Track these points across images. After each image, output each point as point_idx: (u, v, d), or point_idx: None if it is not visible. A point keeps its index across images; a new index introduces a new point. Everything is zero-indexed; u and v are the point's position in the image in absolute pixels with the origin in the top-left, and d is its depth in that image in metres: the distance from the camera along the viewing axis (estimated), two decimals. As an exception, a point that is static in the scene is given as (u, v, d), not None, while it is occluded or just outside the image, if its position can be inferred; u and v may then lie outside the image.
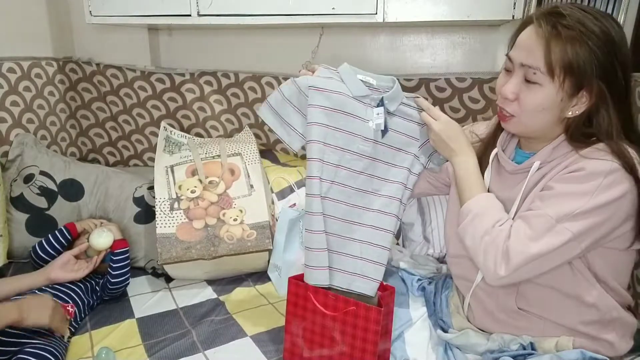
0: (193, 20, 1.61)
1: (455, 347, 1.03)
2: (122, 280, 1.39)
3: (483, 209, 0.93)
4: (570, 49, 0.82)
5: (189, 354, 1.14)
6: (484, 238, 0.89)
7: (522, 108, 0.89)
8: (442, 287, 1.16)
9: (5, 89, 1.71)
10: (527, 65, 0.86)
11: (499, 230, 0.88)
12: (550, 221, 0.84)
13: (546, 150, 0.93)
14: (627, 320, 0.95)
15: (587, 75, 0.83)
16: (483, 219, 0.92)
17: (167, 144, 1.64)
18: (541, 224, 0.85)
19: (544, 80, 0.85)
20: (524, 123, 0.92)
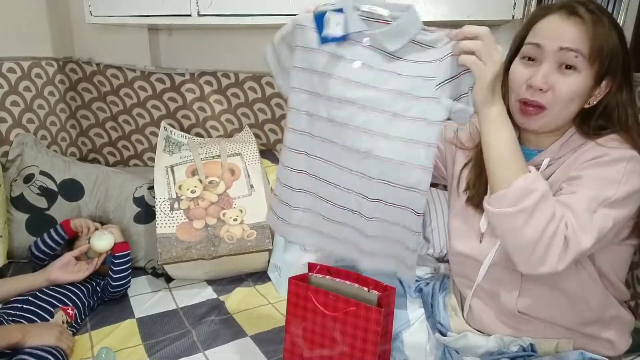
0: (193, 20, 1.61)
1: (453, 350, 1.03)
2: (123, 283, 1.39)
3: (547, 189, 0.80)
4: (608, 34, 0.83)
5: (189, 354, 1.14)
6: (549, 225, 0.77)
7: (556, 98, 0.85)
8: (440, 289, 1.16)
9: (5, 89, 1.71)
10: (569, 48, 0.83)
11: (560, 217, 0.78)
12: (593, 204, 0.80)
13: (556, 146, 0.91)
14: (626, 318, 0.95)
15: (614, 62, 0.84)
16: (548, 201, 0.79)
17: (167, 144, 1.65)
18: (585, 209, 0.80)
19: (582, 66, 0.83)
20: (554, 116, 0.87)
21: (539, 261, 0.79)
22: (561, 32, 0.84)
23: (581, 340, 0.93)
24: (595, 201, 0.80)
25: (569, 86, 0.84)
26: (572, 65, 0.84)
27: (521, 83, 0.88)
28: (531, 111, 0.88)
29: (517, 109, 0.90)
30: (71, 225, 1.46)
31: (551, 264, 0.78)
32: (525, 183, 0.79)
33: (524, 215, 0.78)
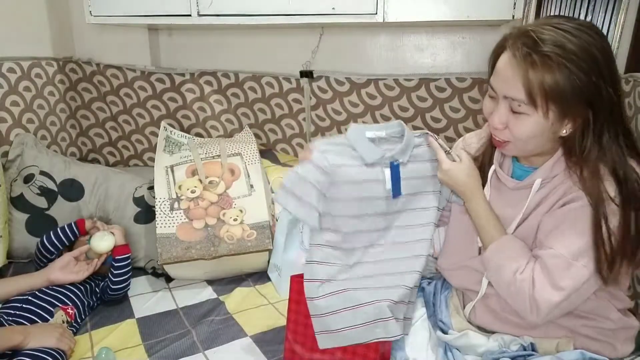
0: (193, 20, 1.61)
1: (454, 348, 1.03)
2: (123, 286, 1.40)
3: (500, 260, 0.93)
4: (548, 77, 0.79)
5: (189, 354, 1.14)
6: (509, 288, 0.90)
7: (514, 135, 0.88)
8: (442, 288, 1.16)
9: (5, 89, 1.71)
10: (511, 97, 0.84)
11: (521, 280, 0.88)
12: (566, 261, 0.85)
13: (547, 167, 0.92)
14: (629, 324, 0.95)
15: (570, 100, 0.80)
16: (503, 271, 0.92)
17: (167, 144, 1.64)
18: (558, 265, 0.85)
19: (529, 110, 0.83)
20: (520, 148, 0.91)
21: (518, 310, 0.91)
22: (506, 79, 0.85)
23: (582, 340, 0.93)
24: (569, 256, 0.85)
25: (522, 128, 0.86)
26: (519, 111, 0.85)
27: (488, 116, 0.93)
28: (499, 143, 0.93)
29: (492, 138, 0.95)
30: (86, 226, 1.47)
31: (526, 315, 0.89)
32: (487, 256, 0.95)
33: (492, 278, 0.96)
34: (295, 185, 0.98)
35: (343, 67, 1.77)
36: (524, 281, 0.88)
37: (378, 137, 1.03)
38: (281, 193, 0.99)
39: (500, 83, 0.86)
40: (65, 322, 1.23)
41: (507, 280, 0.90)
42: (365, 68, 1.77)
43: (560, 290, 0.84)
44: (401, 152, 1.03)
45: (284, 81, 1.80)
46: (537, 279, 0.87)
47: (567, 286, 0.84)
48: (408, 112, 1.69)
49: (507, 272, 0.90)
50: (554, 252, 0.86)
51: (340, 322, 0.97)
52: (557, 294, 0.84)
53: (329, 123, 1.81)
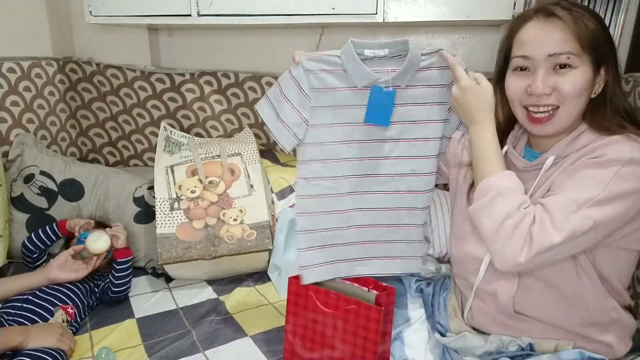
0: (193, 20, 1.61)
1: (453, 350, 1.03)
2: (124, 288, 1.40)
3: (506, 189, 0.86)
4: (590, 25, 0.84)
5: (189, 354, 1.14)
6: (506, 221, 0.83)
7: (564, 95, 0.86)
8: (441, 289, 1.16)
9: (5, 89, 1.71)
10: (558, 53, 0.84)
11: (524, 213, 0.83)
12: (571, 205, 0.81)
13: (561, 145, 0.91)
14: (626, 322, 0.95)
15: (605, 49, 0.86)
16: (506, 199, 0.85)
17: (167, 144, 1.65)
18: (563, 208, 0.81)
19: (576, 62, 0.85)
20: (567, 113, 0.88)
21: (500, 255, 0.85)
22: (545, 38, 0.85)
23: (579, 342, 0.93)
24: (575, 203, 0.81)
25: (572, 83, 0.85)
26: (566, 64, 0.85)
27: (520, 93, 0.90)
28: (542, 118, 0.89)
29: (525, 118, 0.92)
30: (67, 226, 1.48)
31: (511, 258, 0.83)
32: (485, 182, 0.89)
33: (482, 210, 0.87)
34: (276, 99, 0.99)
35: (343, 67, 1.77)
36: (527, 215, 0.82)
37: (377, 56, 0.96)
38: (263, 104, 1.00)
39: (539, 45, 0.86)
40: (65, 321, 1.23)
41: (507, 211, 0.83)
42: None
43: (560, 232, 0.80)
44: (400, 76, 0.96)
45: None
46: (538, 216, 0.82)
47: (567, 229, 0.80)
48: (408, 112, 1.69)
49: (511, 202, 0.84)
50: (559, 196, 0.83)
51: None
52: (556, 234, 0.80)
53: (329, 123, 1.81)
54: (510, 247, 0.82)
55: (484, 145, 0.93)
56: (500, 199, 0.86)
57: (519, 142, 1.02)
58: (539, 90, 0.86)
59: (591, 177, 0.82)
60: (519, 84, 0.90)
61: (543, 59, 0.86)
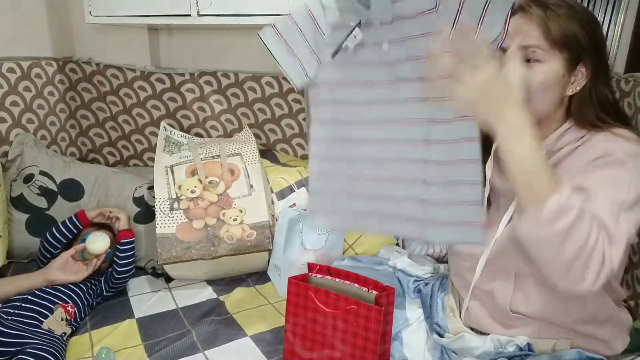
0: (193, 20, 1.61)
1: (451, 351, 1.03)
2: (127, 275, 1.42)
3: (581, 204, 0.74)
4: (564, 23, 0.86)
5: (189, 354, 1.14)
6: (588, 240, 0.72)
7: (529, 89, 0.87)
8: (438, 290, 1.16)
9: (5, 89, 1.72)
10: (527, 45, 0.87)
11: (597, 231, 0.73)
12: (614, 210, 0.77)
13: (552, 139, 0.92)
14: (622, 317, 0.95)
15: (582, 48, 0.87)
16: (585, 218, 0.73)
17: (167, 144, 1.65)
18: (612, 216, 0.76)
19: (544, 57, 0.87)
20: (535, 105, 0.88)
21: (575, 281, 0.75)
22: (517, 32, 0.88)
23: (576, 340, 0.93)
24: (616, 206, 0.78)
25: (537, 77, 0.87)
26: (534, 58, 0.87)
27: None
28: None
29: None
30: (89, 215, 1.49)
31: (588, 283, 0.74)
32: (560, 200, 0.72)
33: (559, 238, 0.73)
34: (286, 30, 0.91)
35: (343, 67, 1.77)
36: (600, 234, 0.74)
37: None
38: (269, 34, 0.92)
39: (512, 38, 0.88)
40: (64, 319, 1.23)
41: (586, 235, 0.72)
42: (365, 68, 1.77)
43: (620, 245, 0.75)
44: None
45: (284, 81, 1.80)
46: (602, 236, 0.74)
47: (623, 239, 0.75)
48: (408, 112, 1.69)
49: (587, 222, 0.73)
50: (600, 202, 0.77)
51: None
52: (618, 250, 0.75)
53: (328, 123, 1.81)
54: (589, 273, 0.74)
55: (531, 151, 0.75)
56: (580, 219, 0.72)
57: None
58: None
59: (611, 178, 0.81)
60: None
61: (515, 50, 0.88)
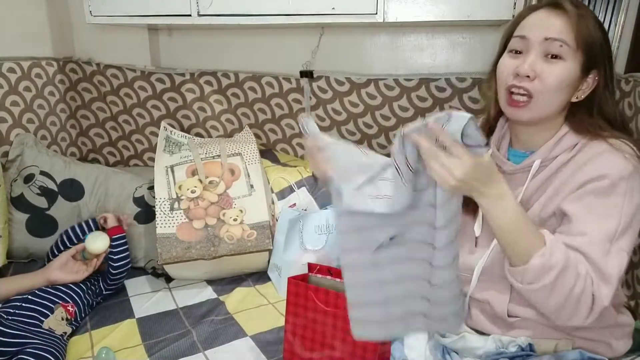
0: (193, 20, 1.61)
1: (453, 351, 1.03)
2: (123, 265, 1.42)
3: (564, 260, 0.79)
4: (592, 28, 0.86)
5: (189, 354, 1.14)
6: (573, 290, 0.78)
7: (544, 85, 0.86)
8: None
9: (5, 89, 1.72)
10: (553, 38, 0.85)
11: (584, 278, 0.79)
12: (605, 245, 0.81)
13: (548, 146, 0.91)
14: (624, 320, 0.95)
15: (599, 55, 0.87)
16: (566, 272, 0.78)
17: (167, 144, 1.65)
18: (602, 254, 0.80)
19: (567, 55, 0.85)
20: (542, 104, 0.87)
21: (568, 319, 0.82)
22: (546, 24, 0.87)
23: (578, 342, 0.93)
24: (607, 239, 0.81)
25: (555, 74, 0.86)
26: (557, 54, 0.86)
27: (509, 73, 0.90)
28: (519, 102, 0.89)
29: (506, 100, 0.91)
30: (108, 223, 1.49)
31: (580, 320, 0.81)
32: (541, 261, 0.79)
33: (545, 290, 0.80)
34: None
35: (343, 67, 1.77)
36: (587, 276, 0.79)
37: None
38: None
39: (539, 29, 0.87)
40: (64, 319, 1.23)
41: (571, 285, 0.78)
42: (365, 68, 1.77)
43: (609, 282, 0.79)
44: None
45: (284, 81, 1.80)
46: (589, 273, 0.79)
47: (614, 274, 0.79)
48: (408, 112, 1.69)
49: (571, 274, 0.79)
50: (591, 239, 0.80)
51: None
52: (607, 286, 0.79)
53: (329, 123, 1.81)
54: (579, 314, 0.81)
55: (511, 217, 0.81)
56: (562, 275, 0.78)
57: (502, 142, 1.02)
58: (523, 70, 0.86)
59: (603, 206, 0.82)
60: (510, 64, 0.90)
61: (538, 41, 0.87)
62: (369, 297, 0.91)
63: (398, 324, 0.93)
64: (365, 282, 0.91)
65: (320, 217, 1.52)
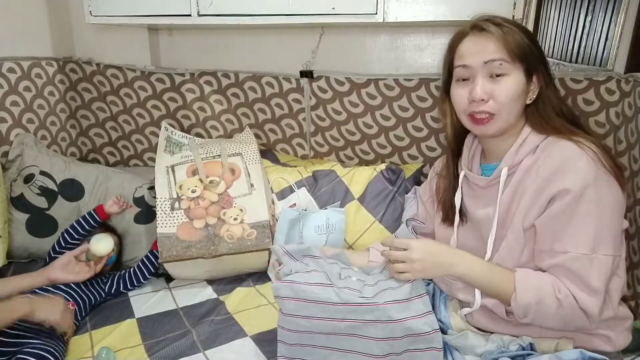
0: (193, 20, 1.61)
1: (454, 349, 1.03)
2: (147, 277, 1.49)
3: (536, 292, 0.89)
4: (519, 38, 0.94)
5: (189, 353, 1.14)
6: (559, 313, 0.88)
7: (499, 103, 0.93)
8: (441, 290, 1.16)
9: (5, 89, 1.72)
10: (492, 59, 0.92)
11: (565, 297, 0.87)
12: (587, 258, 0.86)
13: (510, 153, 0.97)
14: (622, 315, 0.95)
15: (534, 59, 0.95)
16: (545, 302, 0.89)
17: (167, 144, 1.65)
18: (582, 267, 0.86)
19: (509, 69, 0.93)
20: (504, 117, 0.95)
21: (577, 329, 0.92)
22: (480, 49, 0.94)
23: (579, 338, 0.93)
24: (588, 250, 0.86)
25: (505, 89, 0.93)
26: (500, 73, 0.93)
27: (464, 101, 0.97)
28: (483, 119, 0.95)
29: (469, 122, 0.99)
30: (106, 208, 1.52)
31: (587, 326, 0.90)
32: (515, 305, 0.90)
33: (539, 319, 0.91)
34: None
35: (343, 67, 1.77)
36: (567, 297, 0.87)
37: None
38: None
39: (475, 55, 0.95)
40: (65, 320, 1.23)
41: (554, 309, 0.88)
42: (365, 68, 1.77)
43: (596, 293, 0.86)
44: None
45: (284, 81, 1.80)
46: (572, 289, 0.87)
47: (600, 285, 0.86)
48: (408, 112, 1.69)
49: (549, 302, 0.88)
50: (572, 255, 0.87)
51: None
52: (595, 298, 0.86)
53: (329, 123, 1.81)
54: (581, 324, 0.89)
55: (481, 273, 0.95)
56: (539, 307, 0.89)
57: (473, 162, 1.08)
58: (477, 96, 0.93)
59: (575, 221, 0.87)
60: (462, 93, 0.97)
61: (480, 66, 0.94)
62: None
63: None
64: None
65: (320, 217, 1.53)
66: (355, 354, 0.95)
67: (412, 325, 0.91)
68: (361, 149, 1.81)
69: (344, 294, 0.95)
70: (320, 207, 1.60)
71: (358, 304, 0.93)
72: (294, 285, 0.98)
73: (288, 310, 0.98)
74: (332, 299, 0.94)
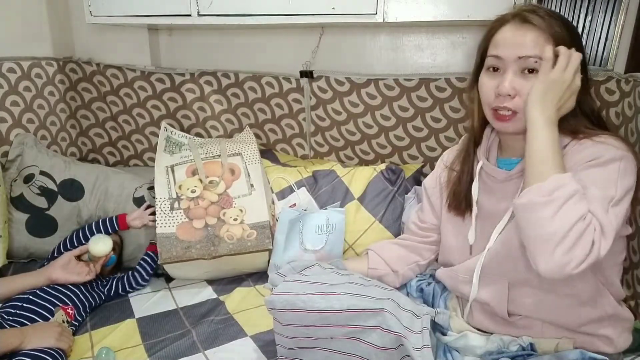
0: (193, 20, 1.61)
1: (454, 350, 1.03)
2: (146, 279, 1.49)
3: (581, 192, 0.79)
4: (561, 35, 0.87)
5: (189, 354, 1.14)
6: (578, 223, 0.76)
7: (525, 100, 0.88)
8: (441, 290, 1.16)
9: (5, 89, 1.72)
10: (527, 56, 0.87)
11: (591, 217, 0.78)
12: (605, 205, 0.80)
13: None
14: (623, 315, 0.95)
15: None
16: (581, 201, 0.78)
17: (167, 144, 1.65)
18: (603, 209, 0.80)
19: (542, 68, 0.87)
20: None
21: (560, 259, 0.76)
22: (517, 42, 0.89)
23: (580, 338, 0.93)
24: (607, 201, 0.81)
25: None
26: (533, 69, 0.88)
27: (490, 93, 0.93)
28: (505, 116, 0.91)
29: (492, 116, 0.95)
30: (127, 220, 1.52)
31: (572, 266, 0.76)
32: (559, 177, 0.80)
33: (553, 207, 0.77)
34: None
35: (343, 67, 1.77)
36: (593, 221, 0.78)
37: None
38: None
39: (511, 47, 0.89)
40: (65, 321, 1.23)
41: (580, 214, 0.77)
42: (365, 68, 1.77)
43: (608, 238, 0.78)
44: None
45: (284, 81, 1.80)
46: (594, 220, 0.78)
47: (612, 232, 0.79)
48: (408, 112, 1.69)
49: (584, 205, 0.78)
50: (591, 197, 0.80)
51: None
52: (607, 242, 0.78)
53: (329, 123, 1.81)
54: (575, 253, 0.76)
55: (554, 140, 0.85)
56: (576, 198, 0.78)
57: (491, 153, 1.04)
58: (504, 90, 0.89)
59: (600, 177, 0.83)
60: (490, 83, 0.93)
61: (513, 60, 0.89)
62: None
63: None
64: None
65: (320, 217, 1.53)
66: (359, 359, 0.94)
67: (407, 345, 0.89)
68: (361, 149, 1.81)
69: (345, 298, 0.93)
70: (320, 207, 1.60)
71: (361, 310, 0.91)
72: (290, 296, 0.95)
73: (285, 320, 0.96)
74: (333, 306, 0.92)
